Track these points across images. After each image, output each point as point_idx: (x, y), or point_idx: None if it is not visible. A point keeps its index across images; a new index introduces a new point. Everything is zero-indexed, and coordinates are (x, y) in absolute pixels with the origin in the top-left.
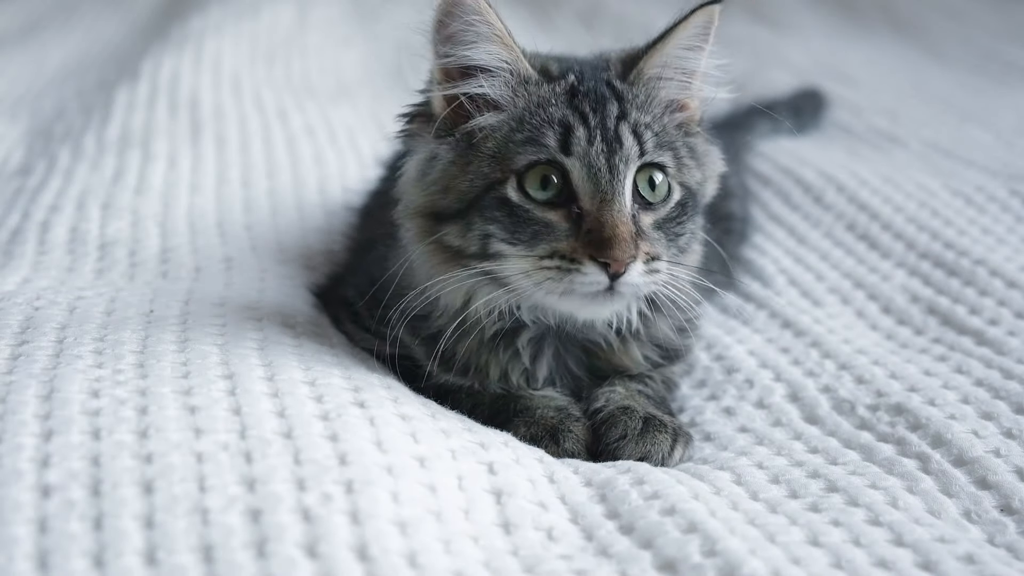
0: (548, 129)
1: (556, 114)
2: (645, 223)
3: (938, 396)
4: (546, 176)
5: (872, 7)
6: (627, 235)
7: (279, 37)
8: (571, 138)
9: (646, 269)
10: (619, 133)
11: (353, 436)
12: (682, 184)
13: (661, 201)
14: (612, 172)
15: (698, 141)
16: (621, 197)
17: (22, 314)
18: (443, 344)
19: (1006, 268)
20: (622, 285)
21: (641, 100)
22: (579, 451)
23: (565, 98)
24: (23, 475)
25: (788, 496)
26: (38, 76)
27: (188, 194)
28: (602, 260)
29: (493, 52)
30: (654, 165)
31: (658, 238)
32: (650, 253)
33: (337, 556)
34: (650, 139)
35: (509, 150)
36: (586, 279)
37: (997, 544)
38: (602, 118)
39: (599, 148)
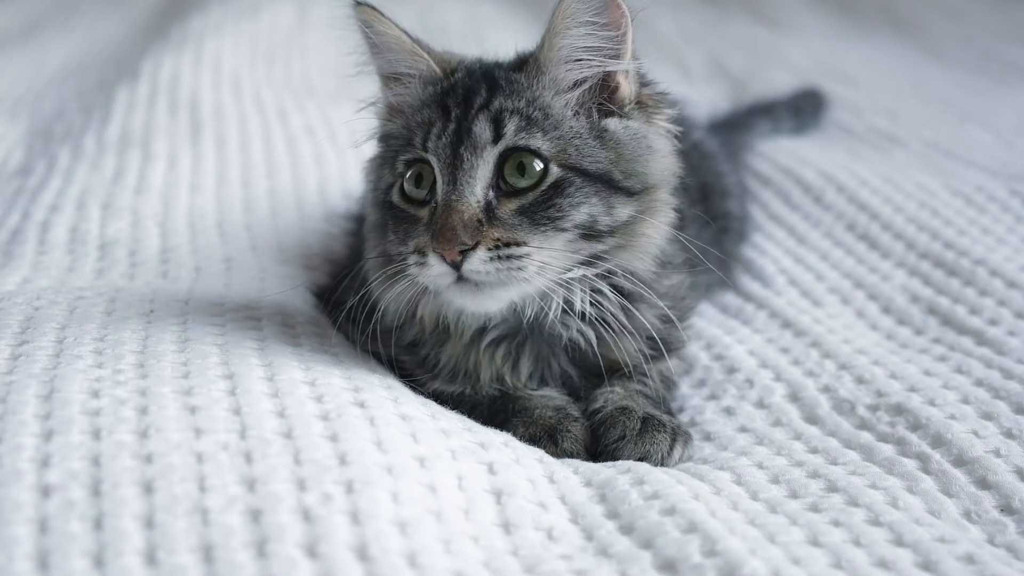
0: (419, 128)
1: (427, 112)
2: (505, 209)
3: (938, 396)
4: (420, 174)
5: (872, 7)
6: (458, 223)
7: (279, 37)
8: (429, 133)
9: (491, 256)
10: (471, 123)
11: (353, 436)
12: (567, 166)
13: (532, 186)
14: (457, 161)
15: (622, 122)
16: (464, 186)
17: (22, 314)
18: (423, 350)
19: (1006, 268)
20: (470, 274)
21: (521, 87)
22: (578, 451)
23: (437, 96)
24: (23, 475)
25: (788, 496)
26: (38, 76)
27: (188, 194)
28: (438, 251)
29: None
30: (521, 149)
31: (518, 223)
32: (502, 239)
33: (337, 556)
34: (514, 124)
35: (398, 153)
36: (433, 271)
37: (997, 544)
38: (464, 110)
39: (447, 140)
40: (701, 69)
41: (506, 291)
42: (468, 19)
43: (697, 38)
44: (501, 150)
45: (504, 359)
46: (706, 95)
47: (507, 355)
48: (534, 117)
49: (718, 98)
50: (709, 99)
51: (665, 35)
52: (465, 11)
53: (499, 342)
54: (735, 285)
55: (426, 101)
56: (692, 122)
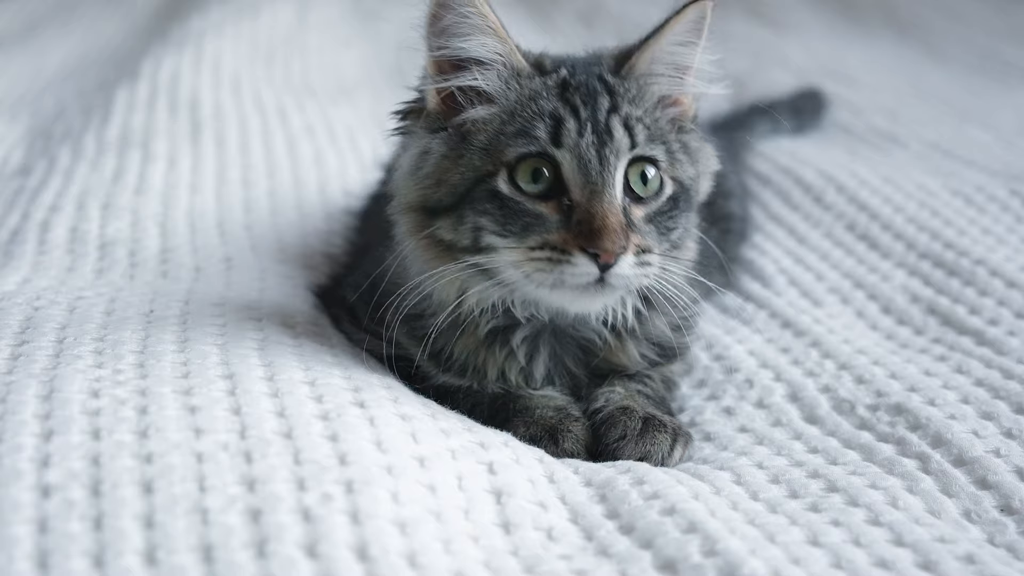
0: (539, 121)
1: (547, 107)
2: (636, 216)
3: (938, 396)
4: (537, 169)
5: (872, 7)
6: (617, 226)
7: (279, 37)
8: (561, 130)
9: (636, 262)
10: (610, 125)
11: (353, 436)
12: (674, 179)
13: (653, 195)
14: (602, 163)
15: (691, 137)
16: (611, 189)
17: (22, 314)
18: (439, 341)
19: (1006, 268)
20: (612, 277)
21: (633, 94)
22: (578, 451)
23: (556, 91)
24: (23, 475)
25: (788, 496)
26: (38, 76)
27: (188, 194)
28: (592, 251)
29: (486, 44)
30: (646, 159)
31: (649, 231)
32: (641, 246)
33: (337, 556)
34: (641, 132)
35: (500, 143)
36: (576, 270)
37: (997, 544)
38: (593, 111)
39: (589, 140)
40: None
41: (615, 294)
42: None
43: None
44: (631, 158)
45: (524, 356)
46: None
47: (526, 353)
48: (651, 127)
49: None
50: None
51: None
52: None
53: (521, 339)
54: (736, 286)
55: (535, 94)
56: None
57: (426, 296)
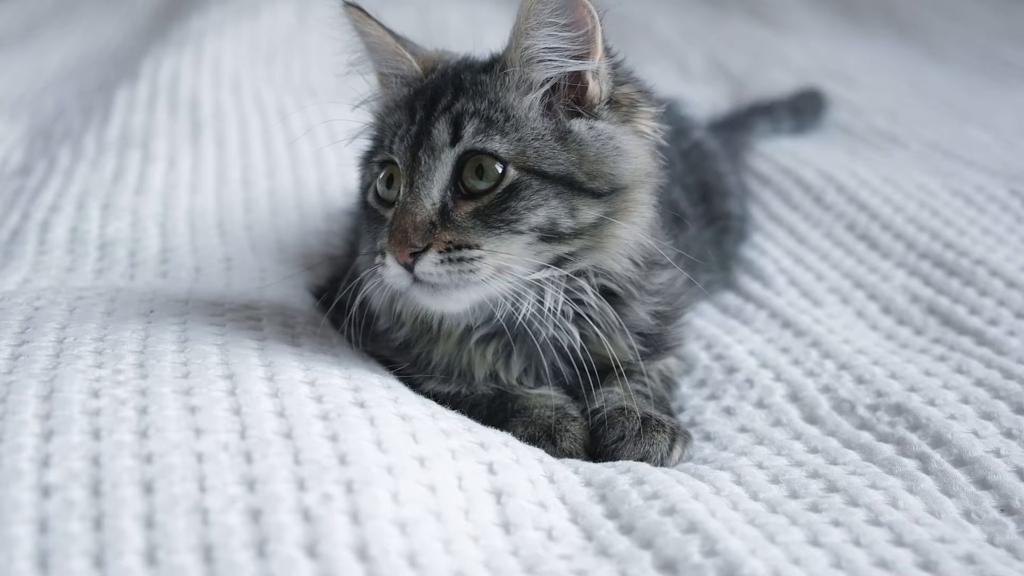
0: (389, 129)
1: (398, 114)
2: (460, 212)
3: (938, 396)
4: (391, 175)
5: (872, 7)
6: (409, 225)
7: (279, 37)
8: (396, 135)
9: (443, 259)
10: (431, 125)
11: (353, 436)
12: (528, 168)
13: (490, 189)
14: (414, 163)
15: (583, 123)
16: (420, 188)
17: (22, 314)
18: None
19: (1006, 268)
20: (423, 275)
21: (486, 87)
22: (576, 451)
23: (408, 98)
24: (23, 475)
25: (788, 496)
26: (38, 76)
27: (188, 194)
28: (391, 253)
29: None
30: (479, 152)
31: (472, 226)
32: (454, 241)
33: (337, 556)
34: (472, 126)
35: (373, 154)
36: (389, 272)
37: (997, 544)
38: (428, 112)
39: (408, 142)
40: (701, 69)
41: (464, 292)
42: (468, 20)
43: (697, 38)
44: (460, 152)
45: (495, 356)
46: (706, 95)
47: (496, 352)
48: (494, 119)
49: (718, 98)
50: (709, 99)
51: (665, 35)
52: (465, 12)
53: (488, 340)
54: (735, 285)
55: (399, 102)
56: (692, 122)
57: (375, 313)
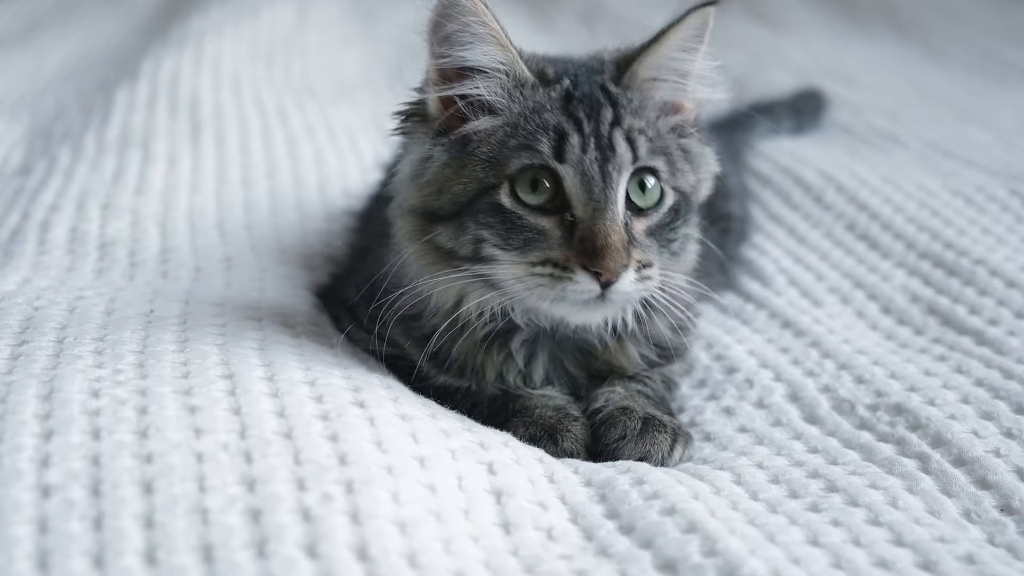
0: (542, 135)
1: (551, 120)
2: (638, 230)
3: (938, 396)
4: (536, 180)
5: (872, 7)
6: (619, 244)
7: (279, 37)
8: (565, 145)
9: (637, 277)
10: (612, 140)
11: (353, 436)
12: (675, 188)
13: (653, 206)
14: (605, 180)
15: (692, 143)
16: (614, 205)
17: (22, 314)
18: (436, 343)
19: (1006, 268)
20: (614, 293)
21: (635, 104)
22: (578, 451)
23: (560, 103)
24: (23, 475)
25: (788, 496)
26: (38, 76)
27: (188, 194)
28: (594, 270)
29: (489, 54)
30: (646, 170)
31: (650, 245)
32: (642, 261)
33: (337, 556)
34: (643, 144)
35: (503, 155)
36: (578, 287)
37: (997, 544)
38: (596, 124)
39: (593, 155)
40: None
41: (615, 306)
42: None
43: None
44: (633, 170)
45: (523, 359)
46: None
47: (524, 356)
48: (652, 138)
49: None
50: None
51: None
52: None
53: (520, 343)
54: (735, 285)
55: (539, 106)
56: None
57: (424, 300)
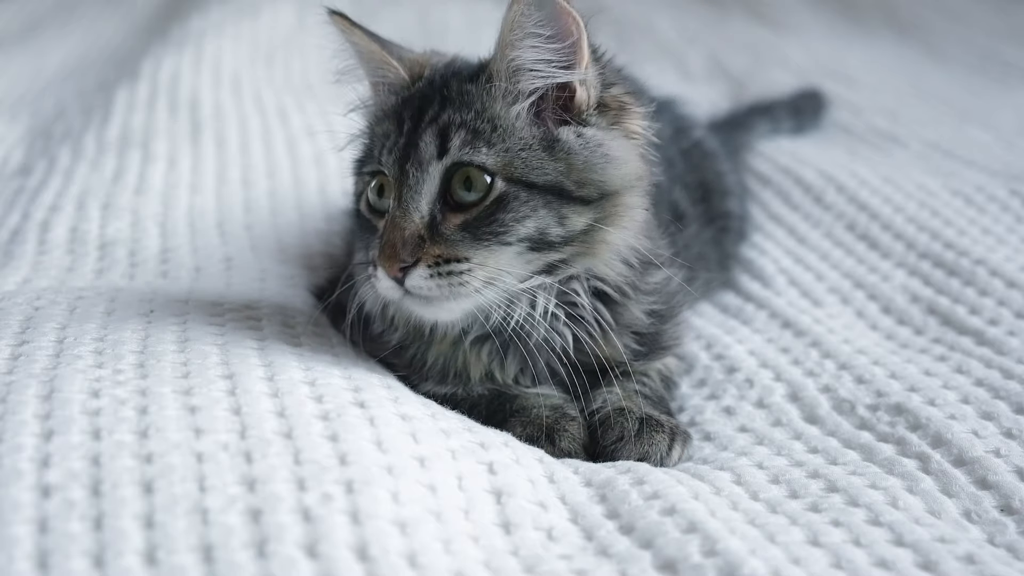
0: (379, 139)
1: (386, 124)
2: (449, 225)
3: (938, 396)
4: (382, 185)
5: (872, 7)
6: (398, 240)
7: (279, 37)
8: (384, 146)
9: (432, 272)
10: (419, 136)
11: (353, 436)
12: (515, 179)
13: (479, 200)
14: (403, 177)
15: (570, 131)
16: (409, 202)
17: (22, 314)
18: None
19: (1006, 268)
20: (412, 289)
21: (472, 98)
22: (575, 450)
23: (396, 108)
24: (23, 475)
25: (788, 496)
26: (38, 76)
27: (188, 194)
28: (381, 266)
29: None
30: (465, 164)
31: (460, 239)
32: (444, 255)
33: (337, 556)
34: (460, 138)
35: (363, 164)
36: (381, 284)
37: (997, 544)
38: (416, 123)
39: (396, 154)
40: (701, 69)
41: (456, 303)
42: (468, 20)
43: (697, 38)
44: (447, 165)
45: (490, 356)
46: (706, 95)
47: (492, 353)
48: (481, 130)
49: (718, 98)
50: (709, 99)
51: (665, 35)
52: (465, 12)
53: (482, 341)
54: (735, 285)
55: (387, 112)
56: (693, 121)
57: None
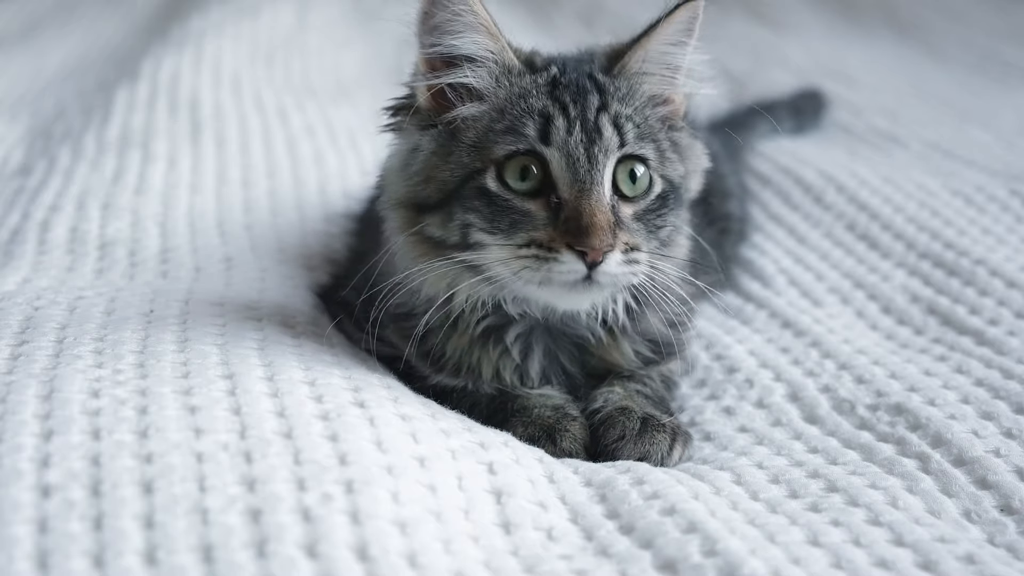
0: (528, 119)
1: (536, 104)
2: (625, 214)
3: (938, 396)
4: (526, 166)
5: (872, 7)
6: (605, 224)
7: (279, 37)
8: (551, 128)
9: (624, 259)
10: (599, 124)
11: (353, 436)
12: (664, 177)
13: (642, 194)
14: (591, 161)
15: (682, 136)
16: (599, 187)
17: (22, 314)
18: (430, 340)
19: (1006, 268)
20: (600, 275)
21: (623, 93)
22: (576, 450)
23: (546, 89)
24: (23, 475)
25: (788, 496)
26: (38, 76)
27: (188, 194)
28: (579, 248)
29: (477, 42)
30: (635, 157)
31: (638, 229)
32: (629, 243)
33: (337, 556)
34: (631, 131)
35: (489, 140)
36: (563, 268)
37: (997, 544)
38: (582, 109)
39: (578, 137)
40: None
41: (602, 291)
42: None
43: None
44: (620, 156)
45: (519, 354)
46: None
47: (521, 351)
48: (640, 126)
49: (718, 98)
50: (709, 99)
51: None
52: None
53: (515, 337)
54: (735, 285)
55: (525, 92)
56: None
57: (415, 293)
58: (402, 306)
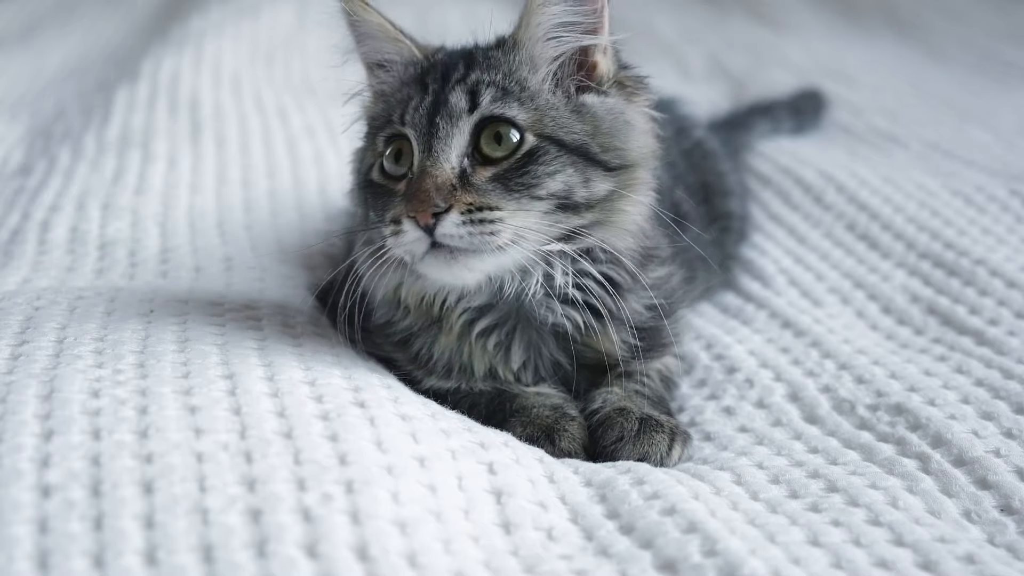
0: (398, 105)
1: (407, 92)
2: (480, 177)
3: (938, 396)
4: (399, 150)
5: (872, 7)
6: (431, 187)
7: (279, 37)
8: (407, 108)
9: (465, 219)
10: (447, 94)
11: (353, 436)
12: (545, 135)
13: (509, 154)
14: (432, 129)
15: (595, 97)
16: (439, 153)
17: (22, 314)
18: (416, 344)
19: (1006, 268)
20: (443, 237)
21: (502, 62)
22: (575, 450)
23: (418, 76)
24: (23, 475)
25: (788, 496)
26: (38, 76)
27: (188, 194)
28: (410, 215)
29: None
30: (498, 119)
31: (492, 189)
32: (475, 203)
33: (337, 556)
34: (489, 95)
35: (377, 133)
36: (408, 237)
37: (997, 544)
38: (441, 85)
39: (423, 111)
40: (701, 69)
41: (481, 260)
42: (468, 19)
43: (697, 38)
44: (477, 120)
45: (496, 348)
46: (706, 95)
47: (498, 343)
48: (510, 89)
49: (718, 98)
50: (709, 99)
51: (665, 35)
52: (465, 11)
53: (490, 331)
54: (735, 285)
55: (406, 81)
56: (693, 121)
57: (381, 301)
58: (382, 315)
